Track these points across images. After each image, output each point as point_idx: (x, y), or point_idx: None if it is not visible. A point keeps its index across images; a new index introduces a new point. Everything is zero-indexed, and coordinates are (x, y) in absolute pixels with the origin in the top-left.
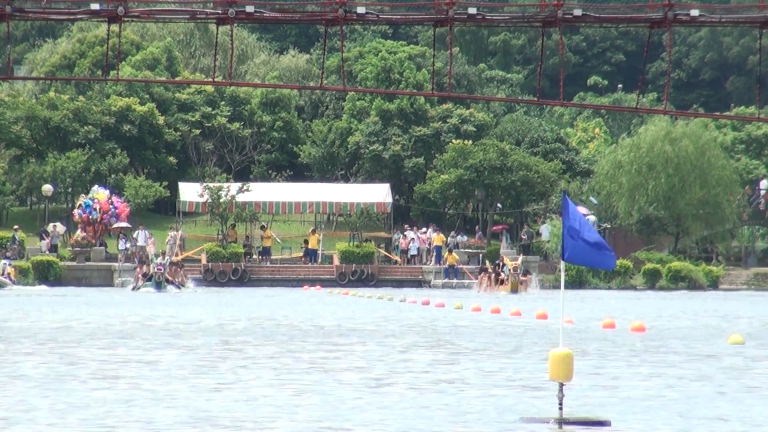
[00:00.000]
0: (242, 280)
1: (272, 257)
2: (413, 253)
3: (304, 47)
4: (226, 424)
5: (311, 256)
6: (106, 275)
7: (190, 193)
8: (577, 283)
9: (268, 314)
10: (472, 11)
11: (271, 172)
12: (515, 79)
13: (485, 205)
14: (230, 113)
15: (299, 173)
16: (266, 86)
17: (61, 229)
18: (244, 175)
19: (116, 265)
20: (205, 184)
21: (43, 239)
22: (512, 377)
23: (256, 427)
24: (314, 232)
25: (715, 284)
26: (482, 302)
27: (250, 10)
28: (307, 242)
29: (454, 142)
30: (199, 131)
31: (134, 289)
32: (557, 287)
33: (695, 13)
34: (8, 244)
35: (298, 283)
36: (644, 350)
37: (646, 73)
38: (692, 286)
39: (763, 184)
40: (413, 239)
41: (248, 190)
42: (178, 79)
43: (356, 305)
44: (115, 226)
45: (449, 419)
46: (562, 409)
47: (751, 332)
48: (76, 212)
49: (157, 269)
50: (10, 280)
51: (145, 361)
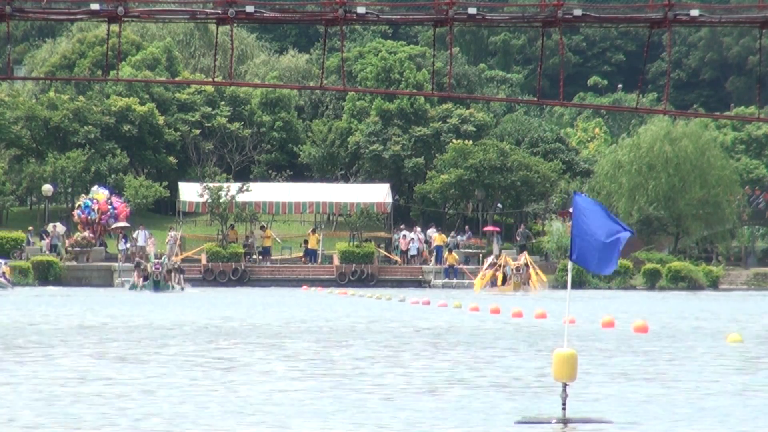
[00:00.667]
0: (242, 280)
1: (272, 257)
2: (413, 253)
3: (304, 47)
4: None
5: (311, 256)
6: (106, 275)
7: (190, 193)
8: (577, 283)
9: (271, 316)
10: (472, 11)
11: (271, 172)
12: (515, 79)
13: (485, 205)
14: (230, 113)
15: (299, 173)
16: (266, 86)
17: (61, 229)
18: (244, 175)
19: (116, 265)
20: (205, 184)
21: (43, 239)
22: (513, 377)
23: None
24: (314, 232)
25: (715, 284)
26: (481, 302)
27: (250, 10)
28: (307, 242)
29: (454, 142)
30: (199, 131)
31: (132, 288)
32: (557, 287)
33: (695, 13)
34: (23, 245)
35: (298, 283)
36: (645, 350)
37: (646, 73)
38: (692, 286)
39: None
40: (413, 239)
41: (248, 190)
42: (178, 79)
43: (356, 305)
44: (114, 226)
45: (451, 419)
46: (565, 409)
47: (750, 332)
48: (75, 213)
49: (155, 269)
50: (5, 279)
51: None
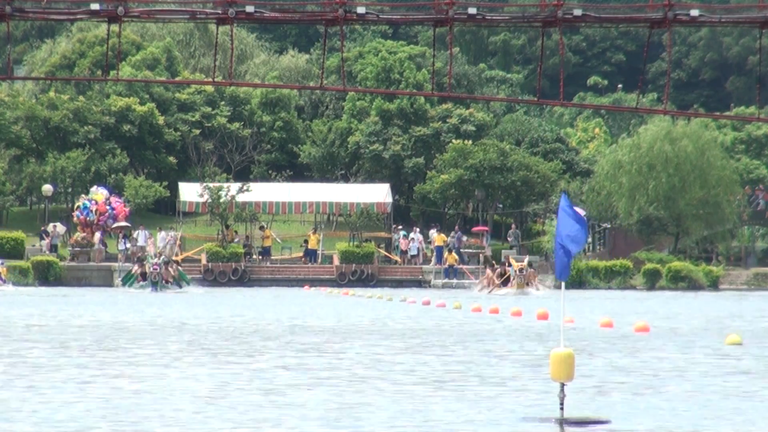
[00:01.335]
0: (242, 280)
1: (272, 257)
2: (413, 253)
3: (304, 47)
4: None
5: (311, 256)
6: (106, 275)
7: (190, 193)
8: (576, 283)
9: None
10: (472, 11)
11: (271, 172)
12: (515, 79)
13: (485, 205)
14: (230, 113)
15: (299, 173)
16: (266, 86)
17: (61, 229)
18: (244, 175)
19: (116, 265)
20: (205, 184)
21: (43, 239)
22: (513, 377)
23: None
24: (314, 232)
25: (715, 284)
26: (482, 302)
27: (250, 10)
28: (307, 242)
29: (454, 142)
30: (199, 131)
31: (126, 280)
32: (556, 287)
33: (695, 13)
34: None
35: (298, 283)
36: (645, 349)
37: (646, 73)
38: (692, 286)
39: None
40: (413, 239)
41: (248, 190)
42: (178, 79)
43: (356, 305)
44: (114, 226)
45: (450, 420)
46: (563, 409)
47: (750, 332)
48: (75, 213)
49: (153, 269)
50: (1, 279)
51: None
